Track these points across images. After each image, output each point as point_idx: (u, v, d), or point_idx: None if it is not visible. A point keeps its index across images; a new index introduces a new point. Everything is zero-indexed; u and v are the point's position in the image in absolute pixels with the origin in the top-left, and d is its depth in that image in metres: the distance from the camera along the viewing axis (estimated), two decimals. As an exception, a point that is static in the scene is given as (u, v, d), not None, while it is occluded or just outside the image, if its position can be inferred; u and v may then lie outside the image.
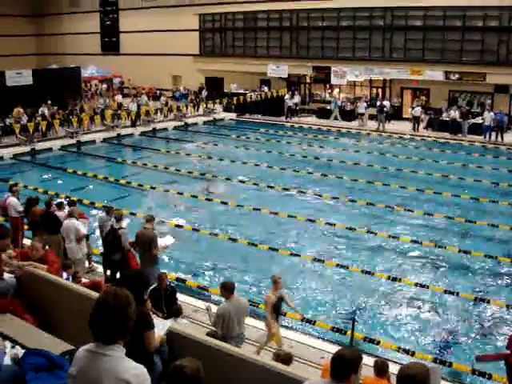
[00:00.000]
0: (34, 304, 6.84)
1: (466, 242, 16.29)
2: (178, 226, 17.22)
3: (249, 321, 9.92)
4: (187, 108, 37.56)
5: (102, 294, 3.48)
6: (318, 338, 11.01)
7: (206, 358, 3.64)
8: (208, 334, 6.49)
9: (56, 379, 4.49)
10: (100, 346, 3.35)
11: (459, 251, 15.19)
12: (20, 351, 4.98)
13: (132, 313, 3.41)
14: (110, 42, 52.91)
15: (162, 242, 13.08)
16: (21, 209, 14.47)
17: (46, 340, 5.71)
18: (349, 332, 10.51)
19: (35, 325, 6.36)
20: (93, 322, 3.35)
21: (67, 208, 13.90)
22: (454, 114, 31.83)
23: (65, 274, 9.38)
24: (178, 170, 24.50)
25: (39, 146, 29.10)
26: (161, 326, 5.70)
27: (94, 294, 6.14)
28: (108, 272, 12.90)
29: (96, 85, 46.45)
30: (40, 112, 32.20)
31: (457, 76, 33.27)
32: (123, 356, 3.37)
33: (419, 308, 12.53)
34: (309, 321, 11.52)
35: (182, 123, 36.40)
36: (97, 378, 3.29)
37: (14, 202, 14.58)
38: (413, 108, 33.47)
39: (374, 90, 38.50)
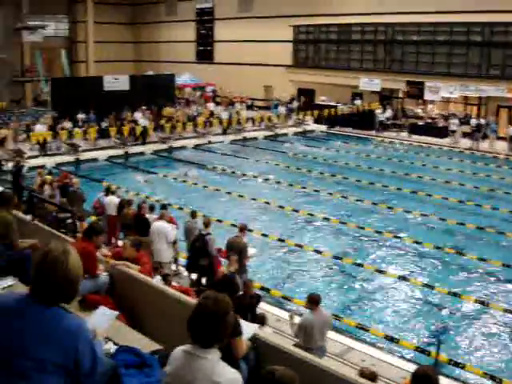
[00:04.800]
0: (124, 302, 7.05)
1: None
2: (264, 235, 17.35)
3: (330, 334, 9.84)
4: (279, 118, 37.77)
5: (204, 298, 3.52)
6: (402, 357, 10.80)
7: (291, 367, 3.63)
8: (295, 346, 6.47)
9: (145, 377, 4.60)
10: (197, 348, 3.39)
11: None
12: (112, 347, 5.13)
13: (231, 319, 3.45)
14: (205, 51, 53.98)
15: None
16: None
17: (135, 338, 5.85)
18: (433, 353, 10.26)
19: (124, 322, 6.54)
20: (192, 325, 3.39)
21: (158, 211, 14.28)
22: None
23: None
24: (267, 180, 24.67)
25: (133, 149, 30.05)
26: (247, 330, 5.72)
27: (184, 298, 6.26)
28: (194, 277, 13.07)
29: (189, 92, 47.49)
30: (135, 117, 33.20)
31: (558, 95, 31.96)
32: (219, 360, 3.40)
33: (509, 335, 12.08)
34: (392, 339, 11.33)
35: (273, 133, 36.72)
36: (192, 380, 3.33)
37: (115, 200, 15.23)
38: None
39: (469, 108, 37.49)
